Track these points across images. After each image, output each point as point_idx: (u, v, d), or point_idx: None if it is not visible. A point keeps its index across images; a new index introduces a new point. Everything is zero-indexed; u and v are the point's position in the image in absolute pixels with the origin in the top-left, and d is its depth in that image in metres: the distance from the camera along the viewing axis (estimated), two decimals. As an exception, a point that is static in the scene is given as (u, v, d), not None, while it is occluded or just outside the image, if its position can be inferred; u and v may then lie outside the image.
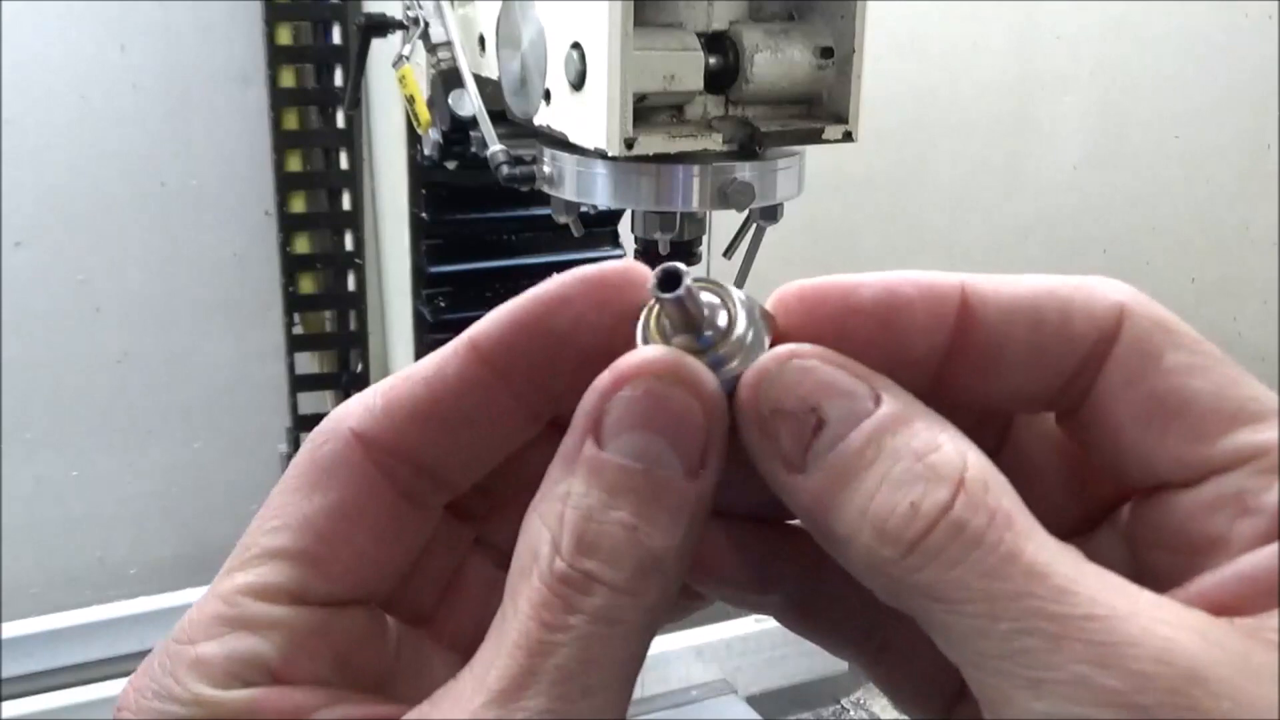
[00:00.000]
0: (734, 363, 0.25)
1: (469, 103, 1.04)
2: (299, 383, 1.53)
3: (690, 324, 0.25)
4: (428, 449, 0.26)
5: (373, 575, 0.27)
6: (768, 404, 0.24)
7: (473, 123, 1.04)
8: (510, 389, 0.26)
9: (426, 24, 1.10)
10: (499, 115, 1.03)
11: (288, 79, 1.44)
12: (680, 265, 0.24)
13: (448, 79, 1.08)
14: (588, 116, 0.88)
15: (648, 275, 0.25)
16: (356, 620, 0.26)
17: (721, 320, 0.25)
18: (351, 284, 1.51)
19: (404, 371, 0.27)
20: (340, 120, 1.46)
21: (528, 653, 0.23)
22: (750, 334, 0.25)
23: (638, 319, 0.25)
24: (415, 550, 0.28)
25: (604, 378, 0.24)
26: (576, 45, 0.88)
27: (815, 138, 0.92)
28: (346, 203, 1.48)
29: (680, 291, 0.24)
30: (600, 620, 0.23)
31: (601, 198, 0.96)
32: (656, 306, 0.25)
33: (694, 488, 0.24)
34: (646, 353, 0.24)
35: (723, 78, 0.90)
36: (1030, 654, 0.20)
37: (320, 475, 0.26)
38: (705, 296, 0.25)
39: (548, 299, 0.26)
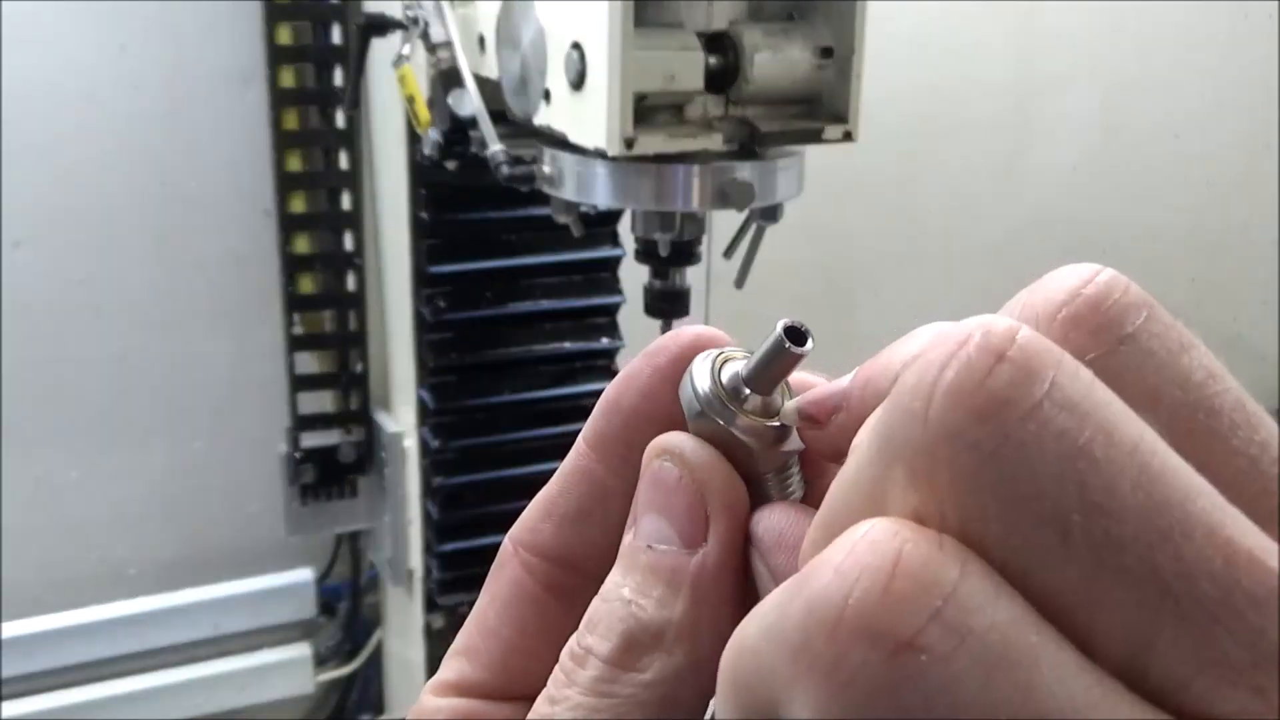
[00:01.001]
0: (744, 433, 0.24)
1: (469, 103, 1.04)
2: (299, 383, 1.53)
3: (761, 378, 0.25)
4: (556, 541, 0.28)
5: (520, 665, 0.28)
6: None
7: (473, 123, 1.04)
8: (613, 472, 0.27)
9: (426, 24, 1.10)
10: (499, 115, 1.03)
11: (288, 79, 1.44)
12: (811, 339, 0.24)
13: (448, 79, 1.08)
14: (588, 116, 0.88)
15: (694, 335, 0.26)
16: (512, 711, 0.28)
17: (766, 409, 0.25)
18: (351, 284, 1.51)
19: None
20: (340, 120, 1.46)
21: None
22: (775, 431, 0.25)
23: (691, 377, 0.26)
24: (563, 640, 0.28)
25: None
26: (576, 45, 0.88)
27: (815, 138, 0.92)
28: (346, 203, 1.48)
29: (802, 349, 0.24)
30: (591, 693, 0.24)
31: (601, 198, 0.96)
32: (719, 360, 0.25)
33: (693, 561, 0.24)
34: (660, 440, 0.25)
35: (723, 78, 0.90)
36: None
37: (491, 578, 0.29)
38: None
39: (620, 379, 0.27)
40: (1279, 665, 0.16)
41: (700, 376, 0.25)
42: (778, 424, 0.25)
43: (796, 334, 0.24)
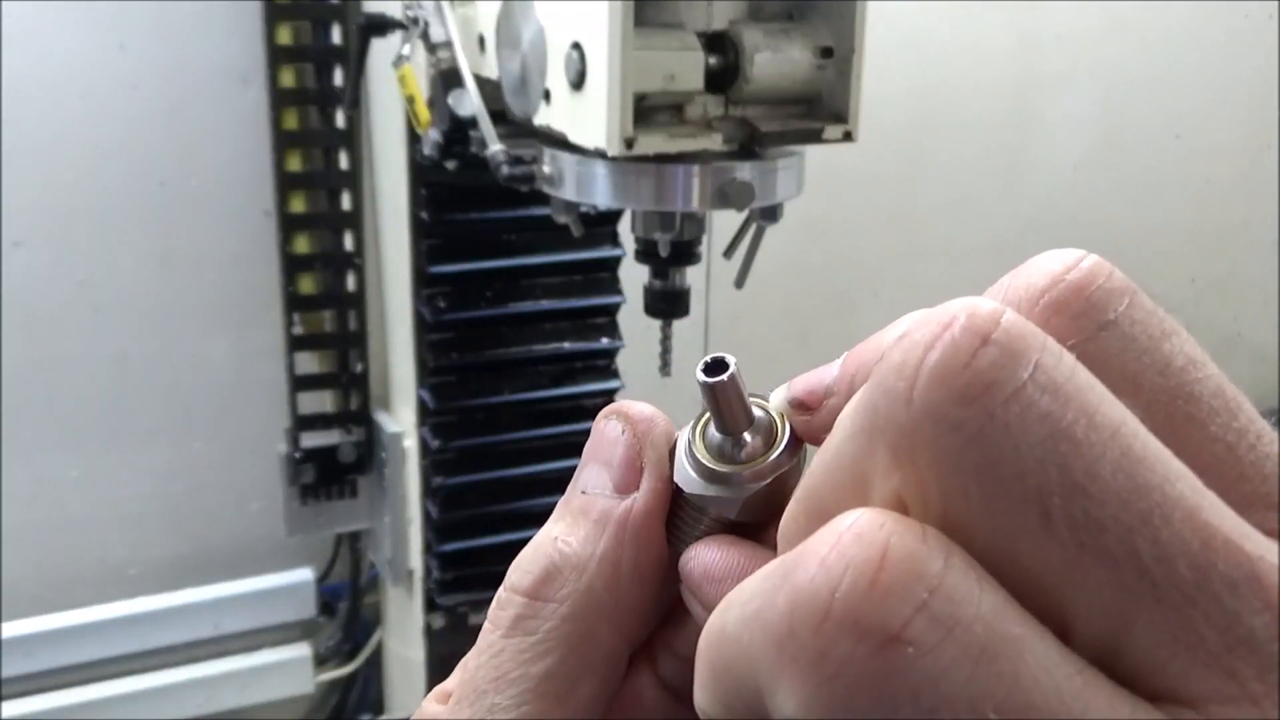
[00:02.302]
0: (758, 482, 0.25)
1: (469, 103, 1.04)
2: (299, 383, 1.52)
3: (727, 421, 0.25)
4: None
5: None
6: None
7: (473, 123, 1.04)
8: None
9: (426, 24, 1.10)
10: (499, 115, 1.03)
11: (288, 79, 1.44)
12: (730, 358, 0.25)
13: (448, 79, 1.08)
14: (588, 116, 0.88)
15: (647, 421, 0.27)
16: None
17: (760, 433, 0.25)
18: (351, 284, 1.51)
19: None
20: (340, 120, 1.46)
21: (457, 678, 0.26)
22: (773, 461, 0.25)
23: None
24: None
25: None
26: (576, 45, 0.88)
27: (815, 138, 0.92)
28: (346, 203, 1.48)
29: (720, 378, 0.24)
30: (513, 632, 0.25)
31: (601, 198, 0.96)
32: (699, 428, 0.26)
33: (622, 505, 0.25)
34: (610, 406, 0.27)
35: (723, 78, 0.90)
36: None
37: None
38: (754, 409, 0.25)
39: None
40: (1251, 648, 0.17)
41: (686, 469, 0.26)
42: (786, 441, 0.25)
43: (713, 366, 0.25)
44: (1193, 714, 0.17)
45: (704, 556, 0.25)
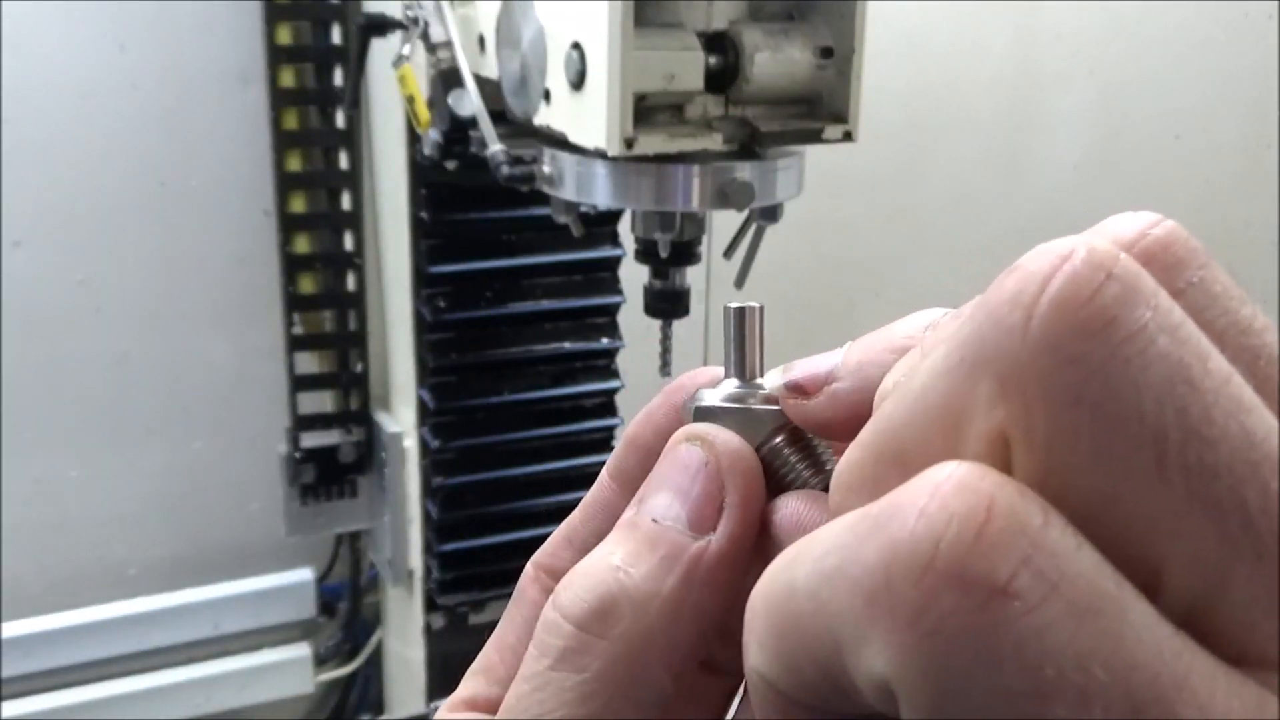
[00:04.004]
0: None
1: (469, 103, 1.04)
2: (299, 383, 1.52)
3: (742, 360, 0.25)
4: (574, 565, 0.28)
5: None
6: None
7: (473, 123, 1.04)
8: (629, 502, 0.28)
9: (426, 24, 1.10)
10: (499, 115, 1.03)
11: (288, 79, 1.44)
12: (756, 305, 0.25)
13: (448, 79, 1.08)
14: (588, 116, 0.88)
15: (713, 375, 0.27)
16: None
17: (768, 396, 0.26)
18: (351, 284, 1.51)
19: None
20: (340, 120, 1.46)
21: (506, 709, 0.24)
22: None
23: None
24: None
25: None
26: (576, 45, 0.88)
27: (815, 138, 0.92)
28: (346, 203, 1.48)
29: (746, 305, 0.25)
30: (560, 665, 0.23)
31: (601, 198, 0.96)
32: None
33: (696, 545, 0.24)
34: (688, 426, 0.25)
35: (723, 78, 0.90)
36: None
37: (512, 602, 0.29)
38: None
39: (641, 416, 0.28)
40: None
41: (704, 396, 0.26)
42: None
43: (741, 306, 0.25)
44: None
45: (791, 507, 0.24)
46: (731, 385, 0.25)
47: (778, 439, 0.25)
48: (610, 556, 0.24)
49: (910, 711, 0.17)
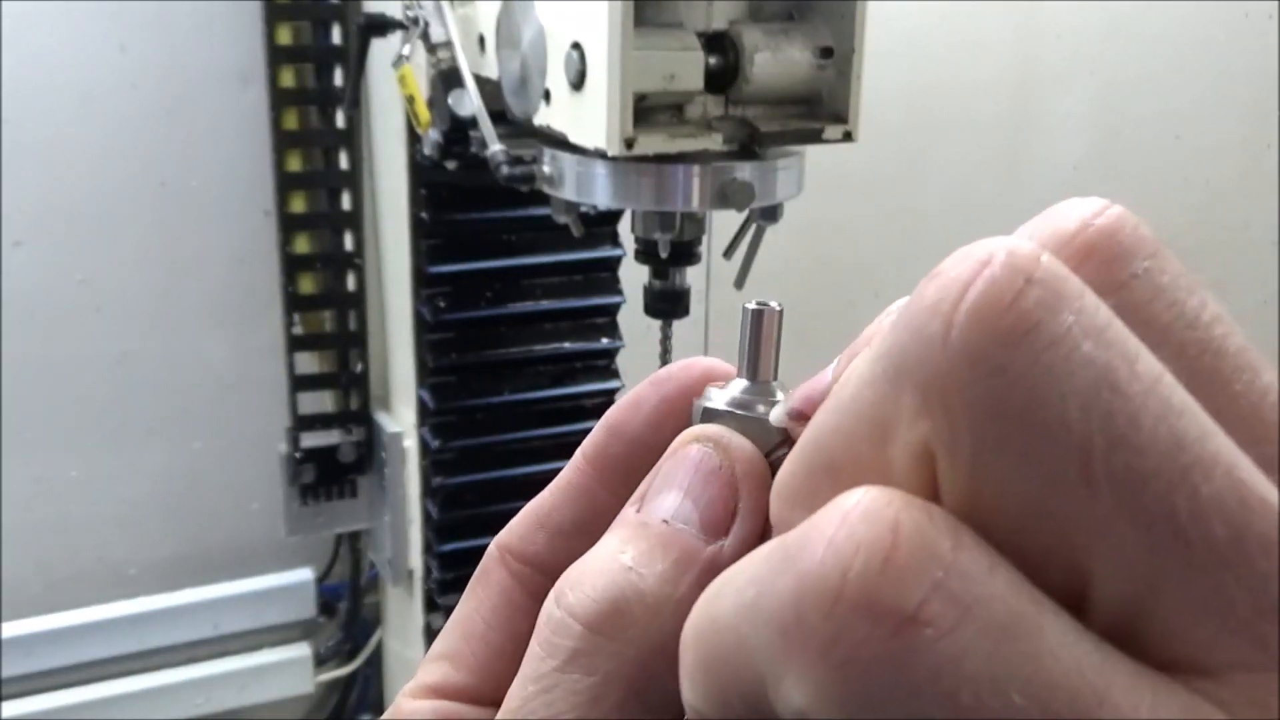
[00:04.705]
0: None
1: (469, 103, 1.04)
2: (299, 383, 1.52)
3: (756, 362, 0.25)
4: (548, 552, 0.28)
5: (507, 670, 0.27)
6: None
7: (473, 123, 1.04)
8: (612, 493, 0.27)
9: (426, 24, 1.10)
10: (499, 115, 1.03)
11: (288, 79, 1.44)
12: (778, 304, 0.25)
13: (448, 79, 1.08)
14: (588, 116, 0.88)
15: (705, 367, 0.26)
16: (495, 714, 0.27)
17: (780, 397, 0.25)
18: (351, 284, 1.51)
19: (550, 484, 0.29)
20: (340, 120, 1.46)
21: (508, 710, 0.23)
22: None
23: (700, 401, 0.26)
24: None
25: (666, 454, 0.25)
26: (576, 45, 0.88)
27: (815, 138, 0.92)
28: (346, 203, 1.48)
29: (766, 307, 0.25)
30: (569, 667, 0.23)
31: (601, 198, 0.96)
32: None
33: (709, 550, 0.23)
34: (699, 426, 0.25)
35: (723, 78, 0.90)
36: None
37: (476, 583, 0.29)
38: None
39: (625, 404, 0.27)
40: None
41: (714, 397, 0.25)
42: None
43: (761, 303, 0.25)
44: (1213, 684, 0.16)
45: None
46: (741, 386, 0.25)
47: (784, 450, 0.24)
48: (620, 555, 0.23)
49: None
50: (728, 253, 1.11)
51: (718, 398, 0.25)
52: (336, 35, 1.44)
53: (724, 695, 0.19)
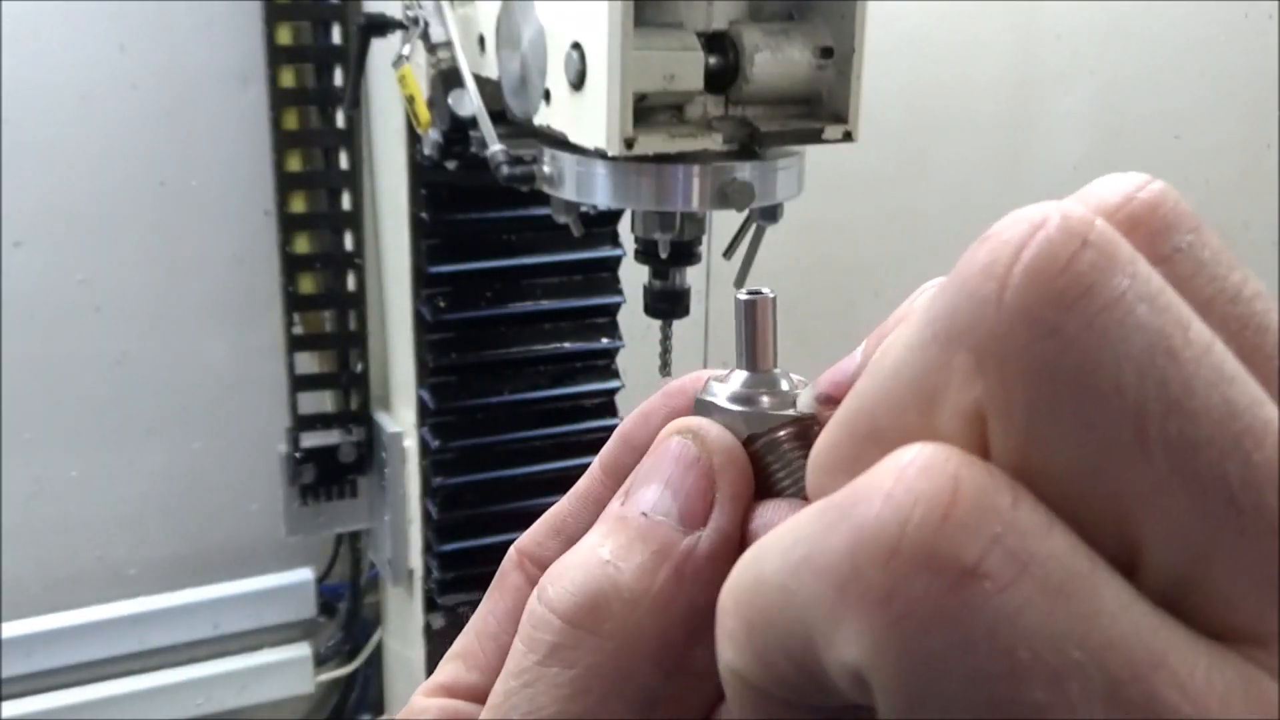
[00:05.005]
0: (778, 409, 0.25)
1: (469, 103, 1.04)
2: (299, 383, 1.52)
3: (753, 351, 0.25)
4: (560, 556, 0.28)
5: None
6: None
7: (473, 123, 1.04)
8: None
9: (426, 24, 1.10)
10: (499, 115, 1.03)
11: (288, 79, 1.44)
12: (769, 291, 0.25)
13: (448, 79, 1.08)
14: (588, 116, 0.88)
15: (713, 379, 0.26)
16: None
17: (783, 395, 0.25)
18: (351, 284, 1.51)
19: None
20: (340, 120, 1.46)
21: (492, 707, 0.24)
22: (800, 402, 0.25)
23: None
24: None
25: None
26: (576, 45, 0.88)
27: (815, 138, 0.92)
28: (346, 203, 1.48)
29: (757, 297, 0.24)
30: (550, 661, 0.23)
31: (601, 198, 0.96)
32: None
33: (686, 540, 0.23)
34: (682, 420, 0.25)
35: (723, 78, 0.90)
36: None
37: (494, 586, 0.29)
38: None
39: (636, 416, 0.27)
40: None
41: (719, 396, 0.25)
42: (798, 414, 0.25)
43: (754, 291, 0.25)
44: (1265, 653, 0.16)
45: (775, 512, 0.24)
46: (741, 378, 0.25)
47: (763, 441, 0.25)
48: (599, 549, 0.24)
49: (884, 698, 0.16)
50: (728, 253, 1.11)
51: (717, 391, 0.25)
52: (336, 35, 1.44)
53: (768, 655, 0.18)
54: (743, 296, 0.25)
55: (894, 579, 0.16)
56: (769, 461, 0.25)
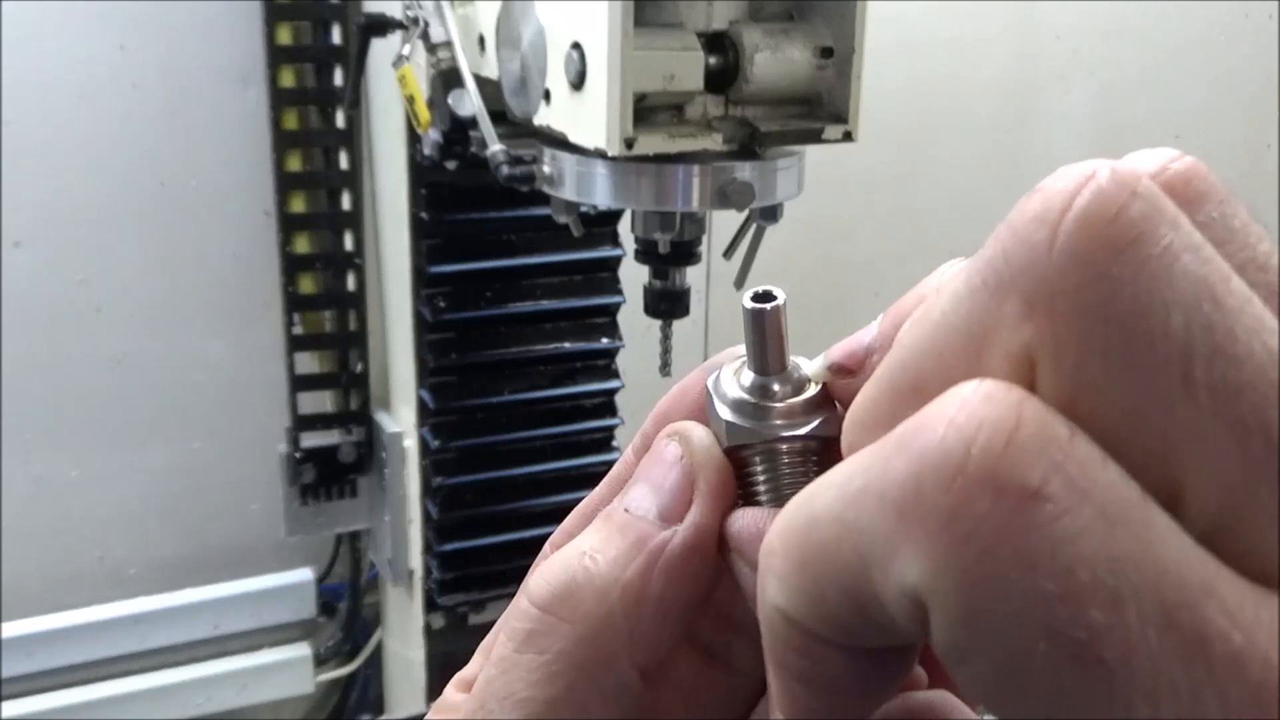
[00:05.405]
0: (785, 420, 0.25)
1: (469, 103, 1.04)
2: (299, 383, 1.52)
3: (763, 357, 0.25)
4: None
5: None
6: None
7: (473, 123, 1.04)
8: None
9: (426, 24, 1.10)
10: (499, 115, 1.03)
11: (288, 79, 1.44)
12: (779, 290, 0.25)
13: (448, 79, 1.08)
14: (588, 116, 0.88)
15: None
16: None
17: (791, 384, 0.25)
18: (351, 284, 1.51)
19: None
20: (340, 120, 1.46)
21: (474, 694, 0.24)
22: (808, 402, 0.25)
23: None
24: None
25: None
26: (576, 45, 0.88)
27: (815, 138, 0.92)
28: (346, 203, 1.48)
29: (766, 306, 0.24)
30: (523, 647, 0.24)
31: (601, 198, 0.96)
32: (735, 371, 0.26)
33: (662, 534, 0.24)
34: (675, 424, 0.26)
35: (723, 78, 0.90)
36: None
37: (526, 578, 0.29)
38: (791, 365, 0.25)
39: (673, 393, 0.28)
40: None
41: (721, 394, 0.25)
42: (812, 393, 0.25)
43: (762, 296, 0.25)
44: None
45: (751, 515, 0.24)
46: (749, 378, 0.25)
47: (749, 447, 0.25)
48: (580, 544, 0.25)
49: (943, 620, 0.17)
50: (728, 253, 1.11)
51: (724, 389, 0.25)
52: (336, 35, 1.44)
53: (818, 588, 0.19)
54: (749, 305, 0.24)
55: (958, 500, 0.16)
56: (756, 470, 0.25)
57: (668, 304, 1.06)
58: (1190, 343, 0.17)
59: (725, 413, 0.25)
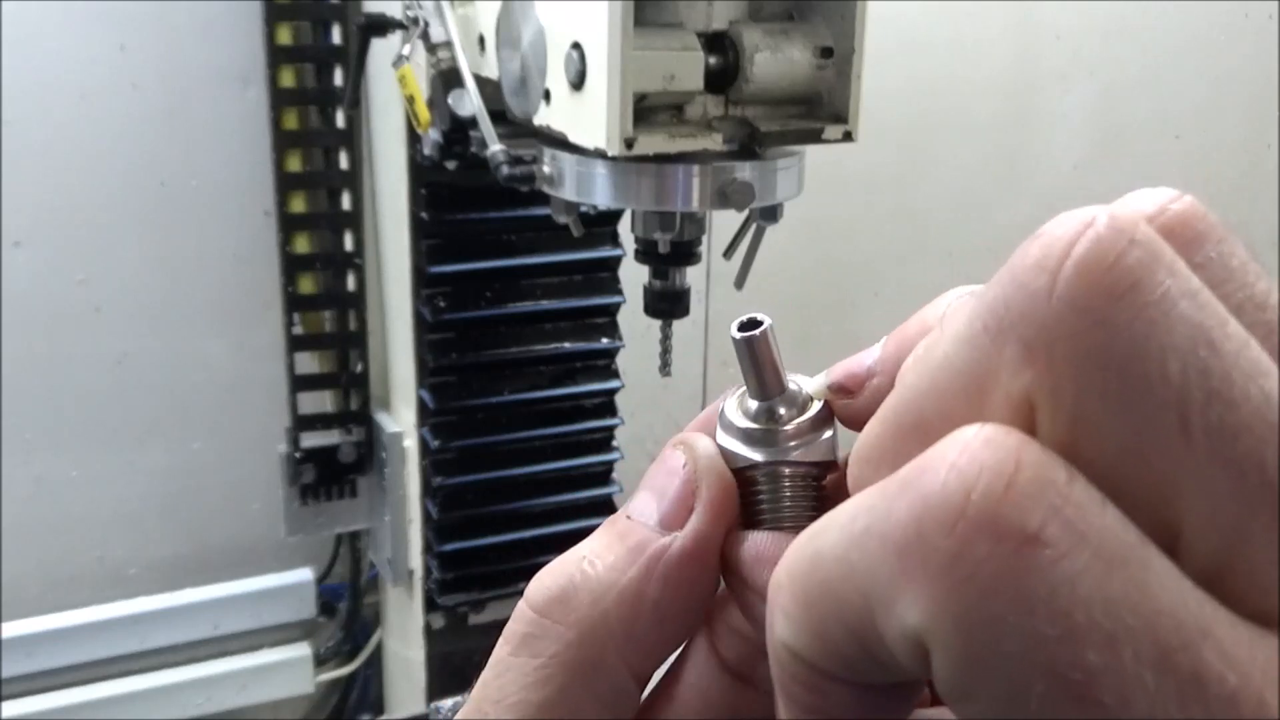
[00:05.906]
0: (793, 443, 0.25)
1: (469, 103, 1.04)
2: (299, 383, 1.52)
3: (760, 382, 0.25)
4: None
5: None
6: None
7: (473, 123, 1.04)
8: None
9: (426, 24, 1.10)
10: (499, 115, 1.03)
11: (288, 79, 1.44)
12: (764, 316, 0.25)
13: (448, 79, 1.08)
14: (588, 116, 0.88)
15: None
16: None
17: (795, 405, 0.25)
18: (351, 284, 1.51)
19: None
20: (340, 120, 1.46)
21: (471, 697, 0.25)
22: (813, 420, 0.25)
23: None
24: None
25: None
26: (576, 45, 0.88)
27: (815, 138, 0.92)
28: (346, 203, 1.48)
29: (754, 333, 0.24)
30: (519, 650, 0.24)
31: (601, 198, 0.96)
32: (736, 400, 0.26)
33: (661, 540, 0.24)
34: (681, 435, 0.26)
35: (723, 78, 0.90)
36: None
37: None
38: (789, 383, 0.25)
39: (702, 416, 0.28)
40: None
41: (725, 420, 0.25)
42: (813, 413, 0.25)
43: (747, 324, 0.25)
44: None
45: (756, 540, 0.24)
46: (751, 403, 0.25)
47: (754, 468, 0.25)
48: (580, 549, 0.25)
49: (944, 661, 0.17)
50: (728, 253, 1.11)
51: (729, 417, 0.25)
52: (336, 35, 1.44)
53: (823, 627, 0.19)
54: (738, 335, 0.24)
55: (959, 544, 0.17)
56: (760, 490, 0.25)
57: (668, 304, 1.06)
58: (1187, 387, 0.17)
59: (725, 438, 0.25)
